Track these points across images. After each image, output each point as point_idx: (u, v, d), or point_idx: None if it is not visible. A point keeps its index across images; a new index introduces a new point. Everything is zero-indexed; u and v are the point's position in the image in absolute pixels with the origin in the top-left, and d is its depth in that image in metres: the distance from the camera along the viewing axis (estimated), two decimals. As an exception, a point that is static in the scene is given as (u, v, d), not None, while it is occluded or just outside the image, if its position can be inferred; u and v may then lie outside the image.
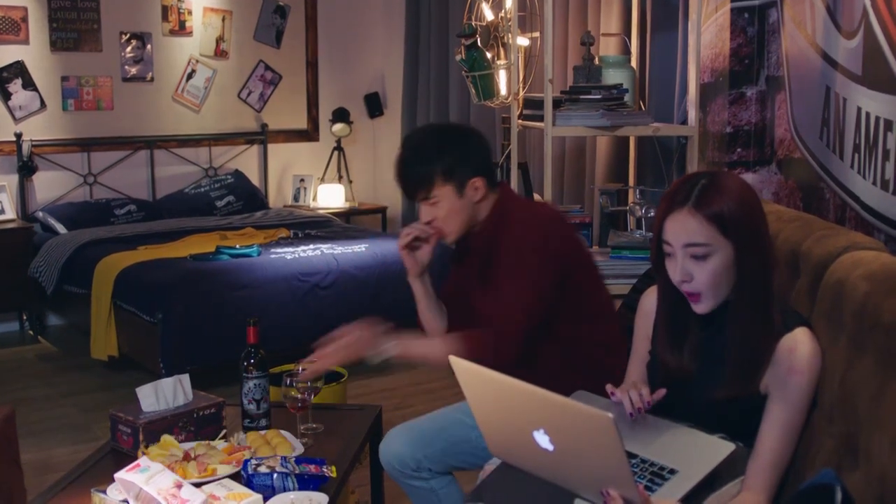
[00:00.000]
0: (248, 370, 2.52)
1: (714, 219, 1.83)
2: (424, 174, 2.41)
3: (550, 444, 1.72)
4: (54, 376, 4.95)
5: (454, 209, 2.43)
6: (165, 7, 6.23)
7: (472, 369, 1.84)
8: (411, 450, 2.48)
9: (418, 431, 2.52)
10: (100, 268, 4.90)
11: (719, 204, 1.83)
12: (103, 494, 2.12)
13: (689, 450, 1.88)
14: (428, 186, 2.41)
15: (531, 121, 3.87)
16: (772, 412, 1.84)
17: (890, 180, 2.57)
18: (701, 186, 1.86)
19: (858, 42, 2.72)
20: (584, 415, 1.66)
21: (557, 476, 1.80)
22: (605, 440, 1.61)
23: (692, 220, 1.84)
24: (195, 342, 4.45)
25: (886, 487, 1.54)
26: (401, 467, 2.50)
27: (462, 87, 5.90)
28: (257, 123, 6.69)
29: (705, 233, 1.83)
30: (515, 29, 3.89)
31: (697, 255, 1.84)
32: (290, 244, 5.27)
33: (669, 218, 1.87)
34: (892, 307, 1.67)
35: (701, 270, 1.85)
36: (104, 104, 6.07)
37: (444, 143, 2.45)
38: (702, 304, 1.89)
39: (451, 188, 2.41)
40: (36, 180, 5.85)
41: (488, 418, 1.90)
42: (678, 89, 4.13)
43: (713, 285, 1.86)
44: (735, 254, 1.85)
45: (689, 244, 1.84)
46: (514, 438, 1.84)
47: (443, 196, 2.42)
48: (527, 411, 1.75)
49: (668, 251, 1.89)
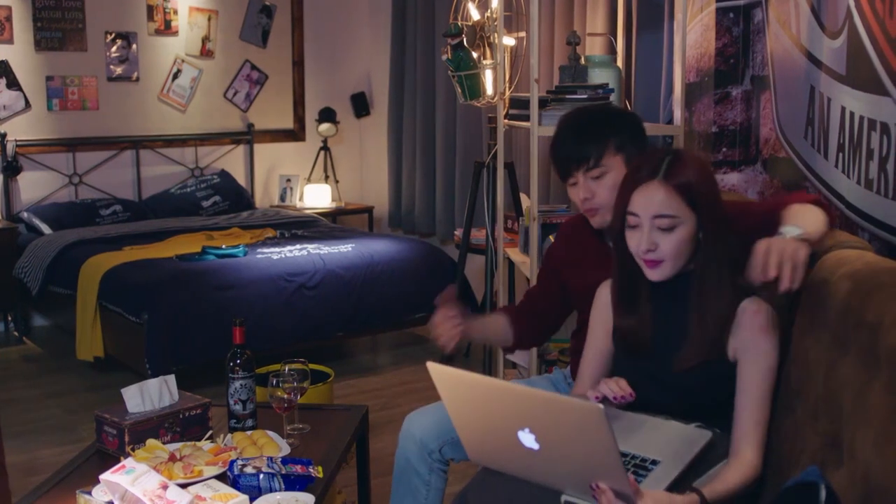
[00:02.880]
0: (235, 370, 2.51)
1: (682, 189, 1.91)
2: (597, 142, 2.32)
3: (536, 443, 1.72)
4: (39, 377, 4.93)
5: (619, 183, 2.37)
6: (151, 6, 6.21)
7: (452, 374, 1.83)
8: (437, 431, 2.41)
9: (443, 417, 2.38)
10: (85, 268, 4.88)
11: (686, 176, 1.93)
12: (88, 496, 2.11)
13: (668, 441, 1.90)
14: (598, 155, 2.32)
15: (517, 120, 3.87)
16: (746, 373, 1.91)
17: (874, 179, 2.58)
18: (668, 161, 1.95)
19: (842, 42, 2.73)
20: (573, 407, 1.67)
21: (543, 475, 1.80)
22: (595, 431, 1.61)
23: (662, 191, 1.92)
24: (181, 343, 4.44)
25: (870, 485, 1.55)
26: (422, 446, 2.43)
27: (448, 87, 5.90)
28: (243, 123, 6.68)
29: (674, 204, 1.92)
30: (501, 29, 3.89)
31: (664, 227, 1.92)
32: (276, 244, 5.26)
33: (638, 190, 1.95)
34: (876, 306, 1.68)
35: (666, 241, 1.93)
36: (89, 104, 6.05)
37: (616, 118, 2.41)
38: (659, 270, 1.96)
39: (621, 159, 2.32)
40: (21, 180, 5.82)
41: (468, 423, 1.89)
42: (664, 89, 4.14)
43: (676, 255, 1.94)
44: (698, 225, 1.93)
45: (658, 215, 1.93)
46: (497, 441, 1.84)
47: (612, 166, 2.32)
48: (510, 411, 1.75)
49: (633, 223, 1.96)
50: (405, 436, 2.48)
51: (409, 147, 6.70)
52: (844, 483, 1.62)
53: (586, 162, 2.34)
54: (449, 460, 2.48)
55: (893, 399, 1.55)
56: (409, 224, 6.76)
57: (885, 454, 1.53)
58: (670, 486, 1.78)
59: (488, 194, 4.51)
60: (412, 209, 6.71)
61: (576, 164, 2.36)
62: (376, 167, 7.12)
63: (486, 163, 4.53)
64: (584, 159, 2.34)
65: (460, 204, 6.10)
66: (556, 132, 2.42)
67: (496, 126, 4.15)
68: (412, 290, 5.13)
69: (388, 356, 5.37)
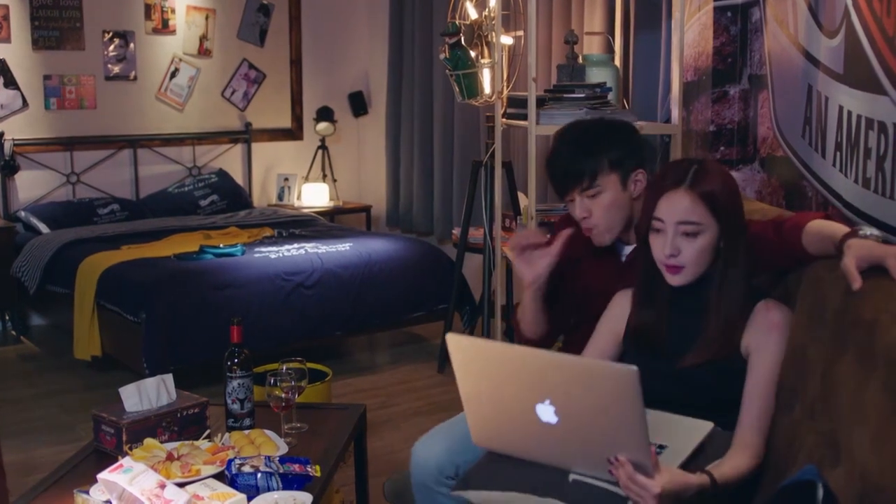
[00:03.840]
0: (232, 370, 2.51)
1: (707, 198, 1.99)
2: (591, 161, 2.30)
3: (555, 416, 1.73)
4: (37, 376, 4.93)
5: (616, 202, 2.32)
6: (148, 5, 6.20)
7: (473, 344, 1.84)
8: (451, 455, 2.31)
9: (457, 436, 2.32)
10: (83, 267, 4.88)
11: (711, 185, 2.00)
12: (86, 495, 2.11)
13: (673, 429, 1.94)
14: (592, 174, 2.30)
15: (515, 119, 3.88)
16: (756, 367, 1.99)
17: (871, 178, 2.58)
18: (695, 170, 2.02)
19: (840, 41, 2.73)
20: (606, 370, 1.71)
21: (554, 454, 1.80)
22: (626, 396, 1.64)
23: (687, 199, 2.00)
24: (179, 342, 4.43)
25: (867, 484, 1.55)
26: (438, 473, 2.32)
27: (446, 86, 5.90)
28: (241, 122, 6.67)
29: (698, 211, 1.99)
30: (499, 27, 3.89)
31: (688, 233, 2.00)
32: (274, 243, 5.26)
33: (665, 196, 2.02)
34: (874, 304, 1.68)
35: (689, 246, 2.00)
36: (87, 103, 6.04)
37: (610, 133, 2.36)
38: (680, 276, 2.03)
39: (616, 177, 2.31)
40: (18, 180, 5.82)
41: (481, 402, 1.89)
42: (661, 88, 4.14)
43: (697, 261, 2.01)
44: (720, 233, 2.01)
45: (683, 222, 2.00)
46: (510, 420, 1.84)
47: (607, 185, 2.31)
48: (532, 381, 1.75)
49: (657, 227, 2.03)
50: (418, 466, 2.37)
51: (407, 146, 6.70)
52: (841, 482, 1.62)
53: (580, 182, 2.32)
54: None
55: (890, 398, 1.55)
56: (406, 223, 6.75)
57: (882, 453, 1.53)
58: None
59: (486, 193, 4.52)
60: (410, 208, 6.71)
61: (571, 184, 2.34)
62: (374, 166, 7.12)
63: (483, 162, 4.53)
64: (579, 179, 2.32)
65: (458, 203, 6.10)
66: (552, 149, 2.40)
67: (494, 125, 4.15)
68: (410, 289, 5.14)
69: (386, 355, 5.37)
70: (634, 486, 1.69)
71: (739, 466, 1.88)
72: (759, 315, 2.02)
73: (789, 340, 1.97)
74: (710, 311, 2.03)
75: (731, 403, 1.99)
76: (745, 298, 2.03)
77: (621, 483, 1.70)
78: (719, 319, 2.02)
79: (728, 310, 2.02)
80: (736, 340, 2.01)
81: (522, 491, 1.82)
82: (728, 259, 2.02)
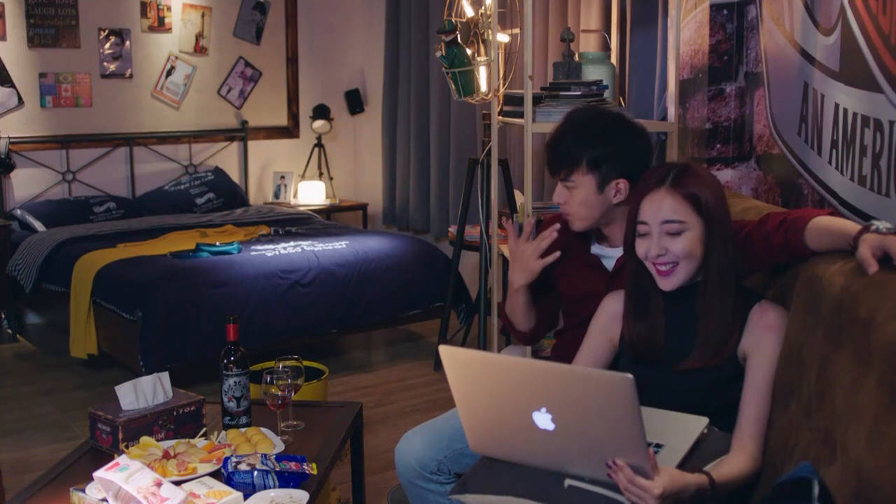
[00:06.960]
0: (229, 368, 2.51)
1: (689, 197, 1.99)
2: (572, 156, 2.35)
3: (551, 423, 1.73)
4: (33, 375, 4.92)
5: (588, 202, 2.37)
6: (144, 3, 6.20)
7: (466, 355, 1.84)
8: (431, 451, 2.39)
9: (436, 432, 2.42)
10: (79, 266, 4.88)
11: (694, 184, 2.00)
12: (82, 493, 2.11)
13: (668, 427, 1.94)
14: (570, 169, 2.36)
15: (511, 117, 3.88)
16: (754, 370, 1.98)
17: (867, 176, 2.58)
18: (676, 170, 2.03)
19: (836, 38, 2.73)
20: (602, 379, 1.69)
21: (552, 460, 1.80)
22: (623, 403, 1.64)
23: (669, 198, 2.00)
24: (175, 340, 4.43)
25: (863, 480, 1.55)
26: (420, 469, 2.39)
27: (443, 84, 5.90)
28: (237, 120, 6.67)
29: (681, 210, 1.99)
30: (495, 25, 3.89)
31: (672, 232, 1.99)
32: (270, 241, 5.26)
33: (647, 198, 2.02)
34: (869, 301, 1.68)
35: (675, 245, 2.00)
36: (83, 101, 6.03)
37: (604, 132, 2.38)
38: (671, 277, 2.02)
39: (591, 179, 2.36)
40: (14, 178, 5.81)
41: (476, 410, 1.89)
42: (658, 85, 4.14)
43: (687, 256, 2.00)
44: (705, 232, 2.00)
45: (667, 221, 1.99)
46: (506, 427, 1.84)
47: (581, 184, 2.36)
48: (527, 390, 1.75)
49: (642, 231, 2.03)
50: (400, 464, 2.43)
51: (403, 144, 6.70)
52: (837, 478, 1.62)
53: (559, 171, 2.40)
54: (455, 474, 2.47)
55: (886, 395, 1.56)
56: (403, 221, 6.76)
57: (877, 450, 1.53)
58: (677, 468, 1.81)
59: (482, 191, 4.52)
60: (406, 206, 6.71)
61: (553, 169, 2.42)
62: (370, 164, 7.12)
63: (480, 160, 4.53)
64: (559, 168, 2.40)
65: (454, 201, 6.10)
66: (556, 127, 2.46)
67: (490, 123, 4.15)
68: (406, 287, 5.14)
69: (383, 353, 5.37)
70: (635, 488, 1.68)
71: (738, 469, 1.88)
72: (755, 318, 2.01)
73: (785, 338, 1.97)
74: (702, 316, 2.02)
75: (727, 408, 1.99)
76: (737, 300, 2.01)
77: (621, 486, 1.70)
78: (713, 323, 2.00)
79: (721, 312, 2.00)
80: (731, 344, 2.01)
81: (520, 495, 1.82)
82: (713, 261, 2.00)
